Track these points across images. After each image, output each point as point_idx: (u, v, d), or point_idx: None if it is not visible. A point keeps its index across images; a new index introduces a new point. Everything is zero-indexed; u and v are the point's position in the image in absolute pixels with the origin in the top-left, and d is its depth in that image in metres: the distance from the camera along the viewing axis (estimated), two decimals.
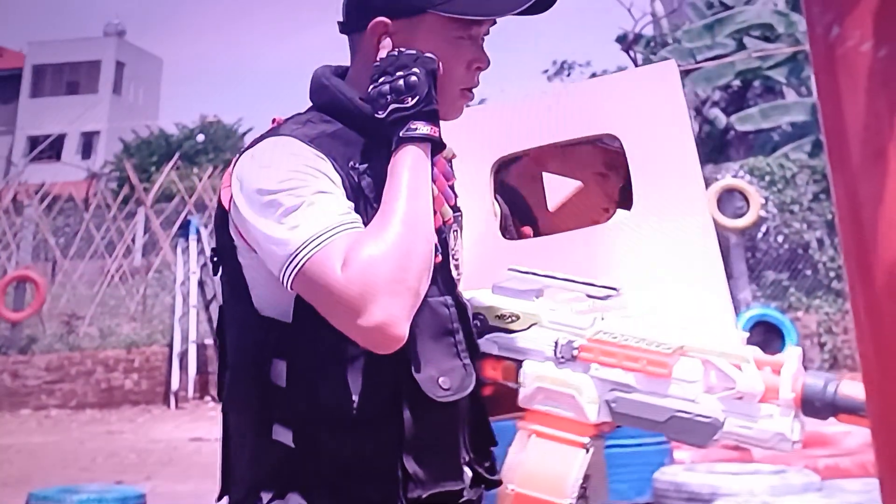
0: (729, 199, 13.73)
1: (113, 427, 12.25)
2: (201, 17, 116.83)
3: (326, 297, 1.49)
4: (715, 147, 19.58)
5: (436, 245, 1.68)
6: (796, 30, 18.31)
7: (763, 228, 14.08)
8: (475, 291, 1.86)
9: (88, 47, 42.04)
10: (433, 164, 1.73)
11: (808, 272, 14.01)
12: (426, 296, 1.65)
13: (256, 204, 1.56)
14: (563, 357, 1.73)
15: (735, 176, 14.03)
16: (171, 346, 13.96)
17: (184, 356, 13.79)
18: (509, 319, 1.80)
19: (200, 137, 31.16)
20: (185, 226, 15.03)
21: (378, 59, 1.65)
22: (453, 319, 1.71)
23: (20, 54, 41.53)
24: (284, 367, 1.62)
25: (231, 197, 1.62)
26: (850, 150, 0.76)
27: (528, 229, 2.23)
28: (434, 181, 1.71)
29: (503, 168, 2.09)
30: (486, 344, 1.81)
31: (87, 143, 40.15)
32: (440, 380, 1.64)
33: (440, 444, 1.68)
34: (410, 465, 1.61)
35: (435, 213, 1.69)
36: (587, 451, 1.72)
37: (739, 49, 19.23)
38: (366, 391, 1.60)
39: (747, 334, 1.75)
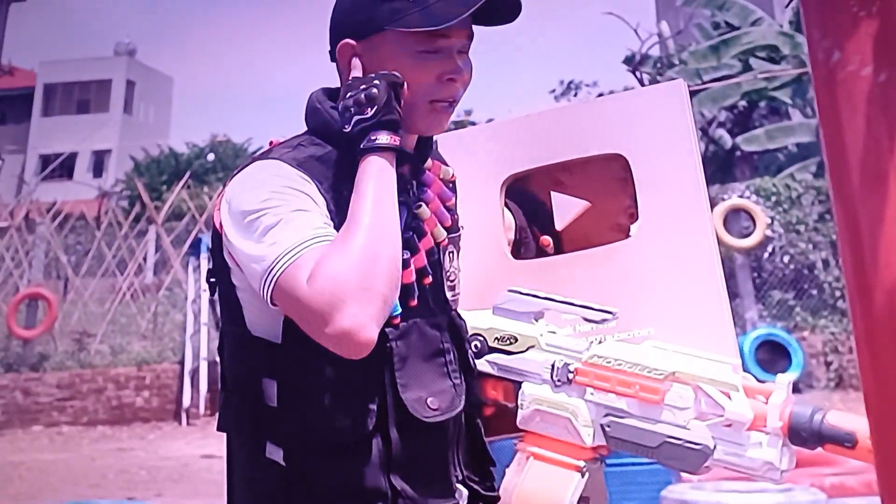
0: (735, 219, 13.76)
1: (124, 444, 12.17)
2: (212, 37, 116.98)
3: (296, 308, 1.51)
4: (721, 167, 19.57)
5: (427, 266, 1.72)
6: (801, 51, 18.29)
7: (769, 248, 14.08)
8: (477, 312, 1.86)
9: (99, 66, 41.98)
10: (427, 186, 1.78)
11: (814, 292, 13.99)
12: (416, 316, 1.70)
13: (240, 225, 1.60)
14: (559, 380, 1.73)
15: (741, 196, 14.04)
16: (182, 363, 13.90)
17: (195, 373, 13.72)
18: (508, 341, 1.80)
19: (211, 156, 31.12)
20: (195, 244, 14.96)
21: (349, 79, 1.69)
22: (444, 340, 1.74)
23: (32, 73, 41.43)
24: (275, 388, 1.65)
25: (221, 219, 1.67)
26: (850, 173, 0.76)
27: (546, 240, 2.22)
28: (428, 203, 1.76)
29: (525, 177, 2.07)
30: (485, 365, 1.82)
31: (99, 162, 40.08)
32: (429, 400, 1.67)
33: (429, 462, 1.70)
34: (398, 483, 1.64)
35: (426, 234, 1.73)
36: (582, 474, 1.72)
37: (745, 70, 19.20)
38: (354, 411, 1.63)
39: (739, 362, 1.69)
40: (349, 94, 1.66)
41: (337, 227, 1.59)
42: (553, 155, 1.99)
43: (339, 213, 1.62)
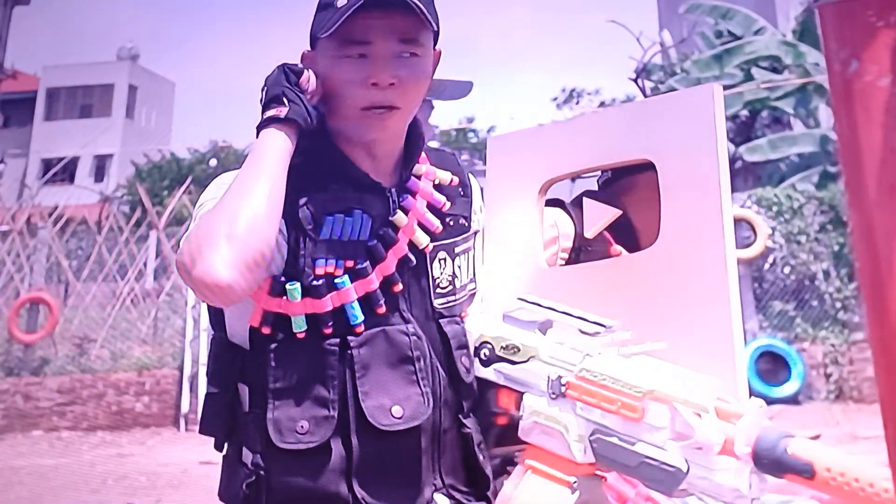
0: (737, 230, 13.71)
1: (123, 449, 12.15)
2: (214, 42, 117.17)
3: (178, 269, 1.56)
4: None
5: (395, 274, 1.73)
6: (804, 61, 18.36)
7: (770, 259, 14.05)
8: (489, 318, 1.85)
9: (102, 71, 42.12)
10: (412, 193, 1.79)
11: (815, 303, 13.94)
12: (385, 324, 1.71)
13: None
14: (553, 393, 1.71)
15: (743, 206, 14.04)
16: (181, 369, 13.90)
17: (194, 379, 13.69)
18: (512, 350, 1.78)
19: (213, 162, 31.18)
20: None
21: None
22: (413, 347, 1.72)
23: (35, 78, 41.51)
24: (247, 392, 1.70)
25: None
26: (866, 183, 0.76)
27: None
28: (408, 210, 1.76)
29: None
30: (492, 374, 1.80)
31: (101, 167, 40.16)
32: (392, 409, 1.67)
33: (394, 469, 1.70)
34: (359, 491, 1.65)
35: (397, 241, 1.73)
36: (573, 490, 1.67)
37: (747, 79, 19.24)
38: (315, 417, 1.65)
39: (742, 382, 1.64)
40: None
41: (290, 236, 1.67)
42: (591, 161, 1.93)
43: (292, 222, 1.68)
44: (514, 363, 1.78)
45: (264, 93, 1.70)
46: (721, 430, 1.53)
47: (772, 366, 12.95)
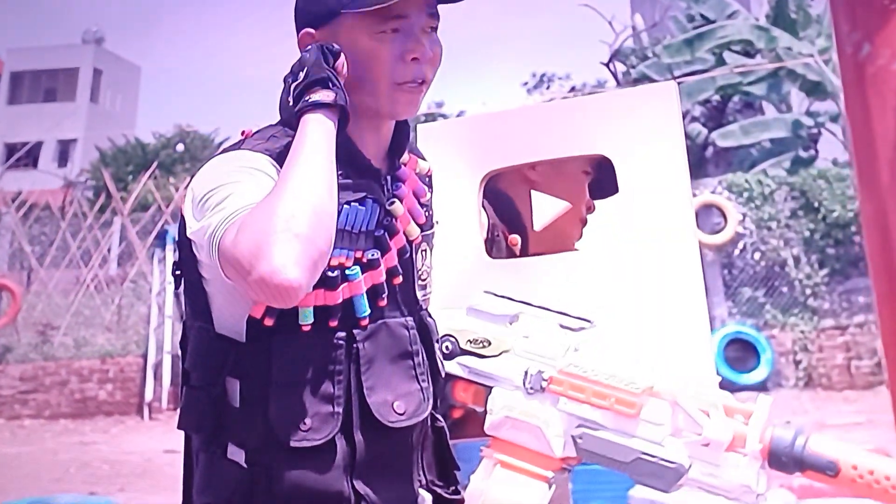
0: (707, 215, 13.78)
1: (86, 438, 12.22)
2: (180, 26, 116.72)
3: (227, 266, 1.46)
4: (693, 162, 19.54)
5: (398, 265, 1.69)
6: (777, 45, 18.38)
7: (740, 245, 14.10)
8: (449, 311, 1.83)
9: (66, 55, 41.94)
10: (401, 181, 1.74)
11: (785, 289, 14.01)
12: (386, 317, 1.67)
13: (195, 208, 1.56)
14: (531, 388, 1.69)
15: (713, 192, 14.09)
16: (145, 356, 13.95)
17: (158, 367, 13.80)
18: (481, 344, 1.77)
19: (180, 147, 31.00)
20: (161, 236, 14.99)
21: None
22: (413, 342, 1.70)
23: None
24: (238, 387, 1.62)
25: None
26: (879, 167, 0.75)
27: (515, 238, 2.21)
28: (402, 199, 1.72)
29: (495, 175, 2.06)
30: (456, 367, 1.78)
31: (64, 151, 40.04)
32: (395, 404, 1.64)
33: (392, 466, 1.67)
34: (361, 487, 1.61)
35: (398, 231, 1.69)
36: (550, 485, 1.67)
37: (719, 64, 19.29)
38: (318, 413, 1.59)
39: (719, 379, 1.72)
40: (289, 72, 1.64)
41: None
42: (535, 153, 1.97)
43: None
44: (482, 357, 1.77)
45: (303, 73, 1.60)
46: (730, 428, 1.56)
47: (741, 353, 12.99)
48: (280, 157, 1.59)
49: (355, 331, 1.63)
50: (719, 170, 18.33)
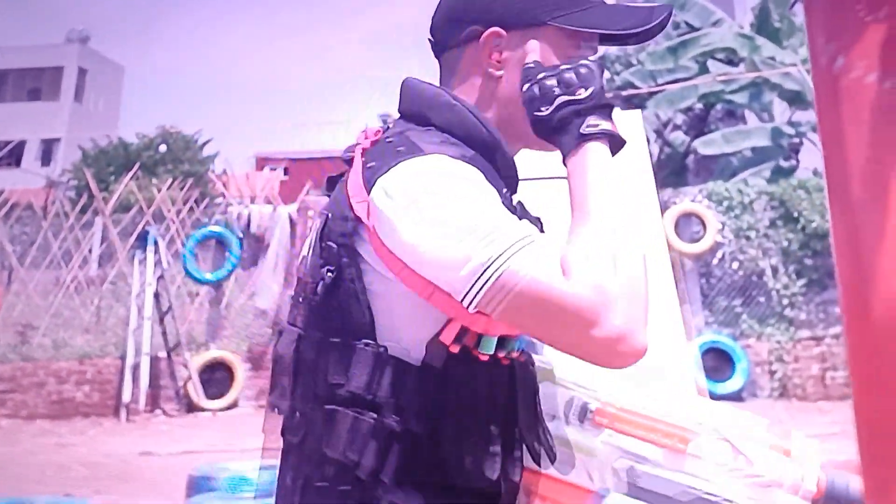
0: (686, 224, 13.81)
1: (63, 439, 12.12)
2: (164, 26, 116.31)
3: (544, 309, 1.32)
4: (674, 171, 19.67)
5: None
6: (760, 54, 18.42)
7: (718, 254, 14.12)
8: None
9: (52, 53, 41.77)
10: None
11: (762, 299, 14.05)
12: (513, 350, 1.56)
13: (427, 224, 1.38)
14: (575, 418, 1.61)
15: (693, 200, 14.11)
16: (123, 358, 13.86)
17: (136, 369, 13.71)
18: None
19: (163, 148, 30.88)
20: (142, 237, 14.89)
21: (529, 62, 1.54)
22: (535, 377, 1.62)
23: None
24: (406, 413, 1.45)
25: (374, 213, 1.44)
26: (851, 182, 0.74)
27: None
28: None
29: None
30: None
31: (47, 151, 39.82)
32: (535, 445, 1.57)
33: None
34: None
35: None
36: None
37: (702, 72, 19.32)
38: (490, 453, 1.47)
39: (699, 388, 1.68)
40: (544, 75, 1.50)
41: None
42: None
43: None
44: None
45: (586, 92, 1.47)
46: (792, 470, 1.54)
47: (717, 362, 13.00)
48: (474, 164, 1.46)
49: (516, 364, 1.53)
50: (700, 178, 18.38)
